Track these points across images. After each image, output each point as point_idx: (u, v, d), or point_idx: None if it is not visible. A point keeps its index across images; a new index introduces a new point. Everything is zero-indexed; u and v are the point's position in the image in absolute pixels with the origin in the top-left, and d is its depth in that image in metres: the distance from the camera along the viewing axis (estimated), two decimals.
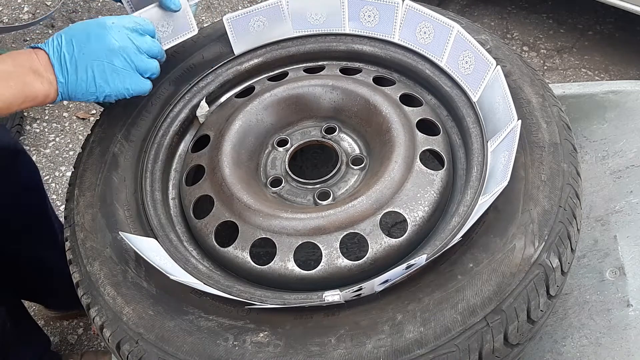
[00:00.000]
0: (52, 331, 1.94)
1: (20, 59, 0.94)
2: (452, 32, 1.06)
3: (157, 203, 1.04)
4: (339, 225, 0.90)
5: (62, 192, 2.29)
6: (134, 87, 0.98)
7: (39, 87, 0.93)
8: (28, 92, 0.92)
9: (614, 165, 1.35)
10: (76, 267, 0.95)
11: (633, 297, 1.13)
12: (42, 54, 0.95)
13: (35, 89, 0.93)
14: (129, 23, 0.99)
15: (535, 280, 0.82)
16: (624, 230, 1.23)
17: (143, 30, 1.00)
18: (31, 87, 0.92)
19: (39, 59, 0.94)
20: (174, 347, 0.82)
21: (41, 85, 0.93)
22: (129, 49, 0.96)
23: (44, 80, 0.94)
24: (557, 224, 0.86)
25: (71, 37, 0.95)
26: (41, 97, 0.94)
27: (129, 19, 0.99)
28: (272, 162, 1.09)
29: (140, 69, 0.99)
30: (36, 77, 0.93)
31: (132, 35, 0.98)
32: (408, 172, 0.94)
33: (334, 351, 0.78)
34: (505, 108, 0.95)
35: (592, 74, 2.50)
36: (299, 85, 1.13)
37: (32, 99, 0.93)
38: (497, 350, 0.80)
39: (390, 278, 0.80)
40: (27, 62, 0.94)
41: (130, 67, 0.97)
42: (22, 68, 0.93)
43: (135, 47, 0.97)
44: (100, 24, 0.96)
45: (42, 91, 0.94)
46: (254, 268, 0.92)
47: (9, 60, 0.93)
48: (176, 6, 1.08)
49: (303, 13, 1.18)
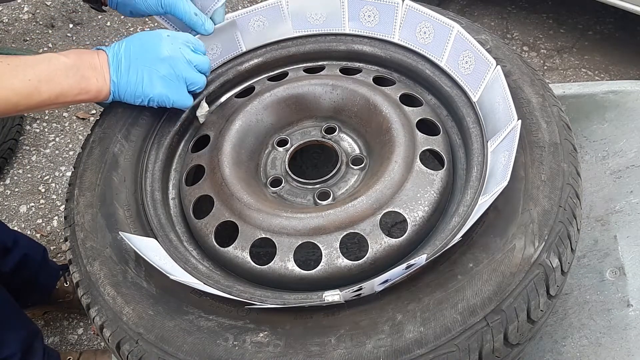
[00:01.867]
0: (53, 331, 1.94)
1: (82, 56, 1.02)
2: (452, 32, 1.06)
3: (157, 203, 1.04)
4: (339, 225, 0.90)
5: (62, 192, 2.29)
6: (175, 96, 1.04)
7: (94, 82, 1.01)
8: (84, 85, 1.00)
9: (614, 165, 1.35)
10: (76, 267, 0.95)
11: (633, 297, 1.13)
12: (102, 55, 1.03)
13: (90, 83, 1.01)
14: (182, 38, 1.05)
15: (535, 280, 0.82)
16: (624, 230, 1.23)
17: (195, 46, 1.06)
18: (87, 81, 1.00)
19: (99, 58, 1.03)
20: (174, 347, 0.82)
21: (96, 81, 1.01)
22: (177, 59, 1.02)
23: (100, 77, 1.02)
24: (557, 224, 0.86)
25: (130, 43, 1.04)
26: (94, 92, 1.02)
27: (183, 35, 1.06)
28: (272, 162, 1.09)
29: (188, 80, 1.04)
30: (93, 73, 1.01)
31: (183, 48, 1.04)
32: (408, 172, 0.94)
33: (334, 351, 0.78)
34: (505, 108, 0.95)
35: (592, 74, 2.50)
36: (299, 85, 1.13)
37: (86, 92, 1.01)
38: (497, 350, 0.80)
39: (390, 278, 0.80)
40: (88, 59, 1.02)
41: (176, 76, 1.03)
42: (83, 62, 1.01)
43: (185, 59, 1.03)
44: (156, 35, 1.04)
45: (96, 86, 1.02)
46: (254, 268, 0.92)
47: (72, 55, 1.00)
48: (206, 31, 1.13)
49: (303, 13, 1.18)
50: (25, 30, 2.86)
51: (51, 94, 0.97)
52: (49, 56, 0.99)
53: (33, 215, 2.23)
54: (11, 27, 2.88)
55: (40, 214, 2.23)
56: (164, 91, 1.03)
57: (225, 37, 1.17)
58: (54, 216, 2.23)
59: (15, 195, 2.30)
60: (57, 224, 2.20)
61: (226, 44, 1.18)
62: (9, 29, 2.87)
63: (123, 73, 1.02)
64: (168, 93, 1.03)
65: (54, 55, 0.99)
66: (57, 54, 1.00)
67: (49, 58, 0.98)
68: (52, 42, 2.81)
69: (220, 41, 1.17)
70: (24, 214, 2.24)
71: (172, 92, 1.03)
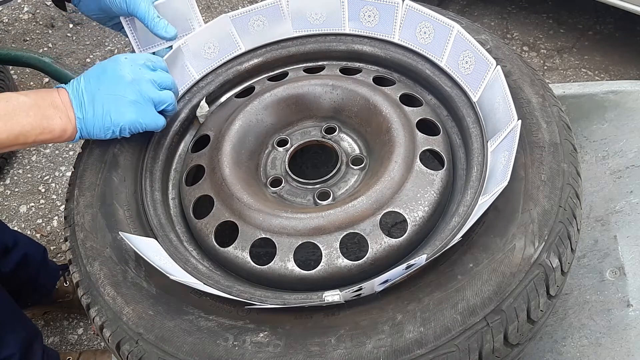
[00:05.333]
0: (53, 331, 1.94)
1: (42, 94, 0.98)
2: (452, 32, 1.06)
3: (157, 203, 1.04)
4: (339, 225, 0.90)
5: (62, 192, 2.29)
6: (146, 119, 1.01)
7: (57, 121, 0.97)
8: (46, 124, 0.96)
9: (614, 165, 1.35)
10: (76, 267, 0.95)
11: (633, 297, 1.13)
12: (63, 92, 1.00)
13: (52, 123, 0.97)
14: (141, 59, 1.02)
15: (535, 280, 0.82)
16: (624, 230, 1.23)
17: (154, 65, 1.03)
18: (49, 120, 0.96)
19: (60, 96, 0.99)
20: (174, 347, 0.82)
21: (60, 120, 0.97)
22: (141, 81, 0.99)
23: (63, 116, 0.98)
24: (557, 224, 0.86)
25: (89, 75, 1.00)
26: (58, 131, 0.98)
27: (141, 56, 1.03)
28: (272, 162, 1.09)
29: (155, 100, 1.01)
30: (55, 112, 0.97)
31: (144, 69, 1.01)
32: (408, 172, 0.94)
33: (334, 351, 0.78)
34: (505, 108, 0.95)
35: (592, 74, 2.50)
36: (299, 85, 1.13)
37: (49, 131, 0.97)
38: (497, 350, 0.80)
39: (390, 278, 0.80)
40: (48, 97, 0.98)
41: (144, 99, 1.00)
42: (43, 101, 0.97)
43: (148, 80, 1.00)
44: (114, 60, 1.01)
45: (60, 125, 0.97)
46: (254, 268, 0.91)
47: (32, 94, 0.97)
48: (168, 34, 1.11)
49: (303, 13, 1.18)
50: (25, 30, 2.87)
51: (10, 134, 0.93)
52: (7, 95, 0.95)
53: (33, 215, 2.24)
54: (11, 27, 2.88)
55: (40, 214, 2.23)
56: (134, 116, 0.99)
57: (222, 37, 1.17)
58: (54, 216, 2.23)
59: (15, 195, 2.30)
60: (57, 224, 2.20)
61: (224, 43, 1.18)
62: (9, 29, 2.88)
63: (87, 107, 0.98)
64: (139, 117, 0.99)
65: (13, 95, 0.96)
66: (16, 93, 0.96)
67: (7, 97, 0.95)
68: (52, 42, 2.81)
69: (218, 40, 1.17)
70: (24, 214, 2.24)
71: (142, 116, 1.00)
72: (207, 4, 2.98)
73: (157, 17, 1.10)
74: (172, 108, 1.05)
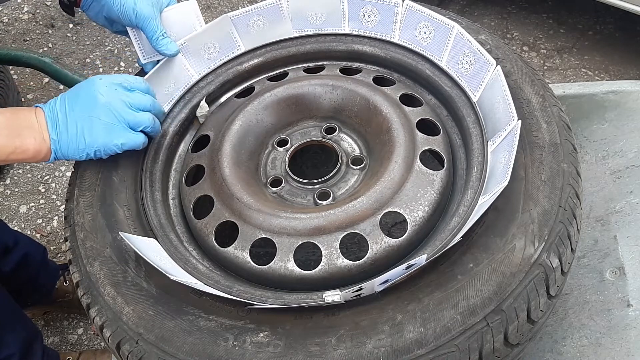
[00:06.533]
0: (53, 331, 1.94)
1: (19, 113, 0.97)
2: (452, 32, 1.06)
3: (157, 203, 1.04)
4: (339, 225, 0.90)
5: (62, 192, 2.29)
6: (124, 141, 0.98)
7: (31, 141, 0.96)
8: (19, 143, 0.95)
9: (614, 165, 1.35)
10: (76, 267, 0.95)
11: (633, 297, 1.13)
12: (40, 113, 0.98)
13: (26, 142, 0.95)
14: (117, 79, 1.00)
15: (535, 280, 0.82)
16: (624, 230, 1.23)
17: (131, 85, 1.01)
18: (23, 140, 0.95)
19: (37, 116, 0.98)
20: (174, 347, 0.82)
21: (34, 141, 0.96)
22: (115, 103, 0.97)
23: (37, 136, 0.96)
24: (557, 224, 0.86)
25: (66, 96, 0.99)
26: (32, 152, 0.96)
27: (117, 76, 1.01)
28: (272, 162, 1.09)
29: (131, 123, 0.99)
30: (30, 132, 0.96)
31: (120, 90, 0.99)
32: (408, 172, 0.94)
33: (334, 351, 0.78)
34: (505, 108, 0.95)
35: (592, 74, 2.50)
36: (299, 85, 1.13)
37: (22, 151, 0.96)
38: (497, 350, 0.80)
39: (390, 278, 0.80)
40: (23, 117, 0.97)
41: (119, 121, 0.97)
42: (18, 121, 0.96)
43: (123, 102, 0.98)
44: (89, 81, 0.99)
45: (33, 145, 0.96)
46: (254, 268, 0.92)
47: (7, 113, 0.96)
48: (169, 50, 1.11)
49: (303, 13, 1.18)
50: (25, 30, 2.86)
51: None
52: None
53: (33, 215, 2.23)
54: (11, 27, 2.88)
55: (40, 214, 2.23)
56: (107, 139, 0.97)
57: (222, 37, 1.17)
58: (54, 216, 2.23)
59: (15, 195, 2.30)
60: (57, 224, 2.20)
61: (224, 43, 1.18)
62: (9, 29, 2.87)
63: (62, 129, 0.96)
64: (113, 139, 0.97)
65: None
66: None
67: None
68: (52, 42, 2.81)
69: (218, 41, 1.17)
70: (24, 214, 2.24)
71: (116, 137, 0.97)
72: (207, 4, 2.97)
73: (162, 35, 1.10)
74: (151, 130, 1.02)
